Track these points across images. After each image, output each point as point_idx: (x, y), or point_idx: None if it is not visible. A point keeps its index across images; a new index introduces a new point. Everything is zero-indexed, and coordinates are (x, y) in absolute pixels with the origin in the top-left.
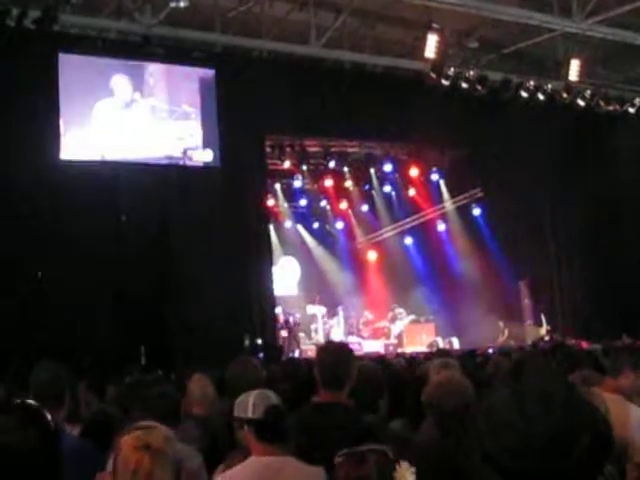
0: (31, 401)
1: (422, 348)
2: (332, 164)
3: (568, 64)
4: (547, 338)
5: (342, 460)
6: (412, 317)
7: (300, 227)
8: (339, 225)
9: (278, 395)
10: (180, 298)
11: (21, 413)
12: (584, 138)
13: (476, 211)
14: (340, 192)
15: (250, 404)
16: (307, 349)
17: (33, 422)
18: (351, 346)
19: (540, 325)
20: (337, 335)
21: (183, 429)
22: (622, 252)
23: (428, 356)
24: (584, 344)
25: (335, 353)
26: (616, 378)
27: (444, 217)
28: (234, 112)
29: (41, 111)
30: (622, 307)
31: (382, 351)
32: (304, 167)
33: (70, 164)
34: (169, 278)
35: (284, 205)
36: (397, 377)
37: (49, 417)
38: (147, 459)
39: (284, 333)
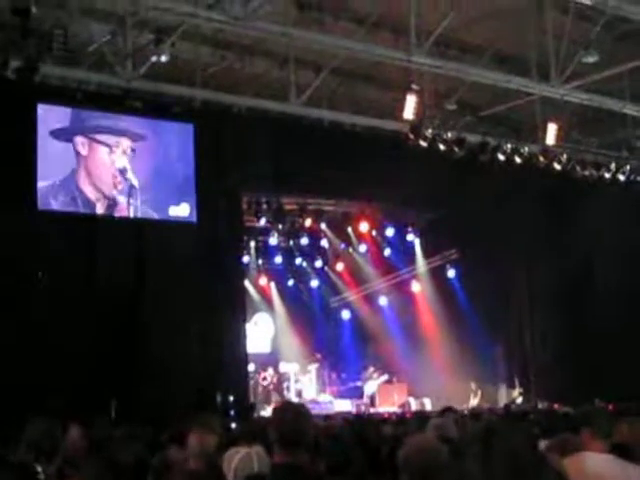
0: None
1: (394, 408)
2: (308, 222)
3: (545, 128)
4: (520, 400)
5: None
6: (385, 377)
7: (274, 284)
8: (314, 283)
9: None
10: (153, 352)
11: (13, 471)
12: (560, 202)
13: (451, 272)
14: (315, 250)
15: (232, 467)
16: None
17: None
18: (323, 405)
19: (513, 387)
20: (309, 393)
21: None
22: (596, 318)
23: (401, 417)
24: (557, 407)
25: (291, 412)
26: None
27: (419, 277)
28: (211, 167)
29: (18, 160)
30: (595, 372)
31: (354, 410)
32: (280, 225)
33: (46, 214)
34: (143, 332)
35: (259, 262)
36: (371, 437)
37: (40, 472)
38: None
39: (256, 390)
